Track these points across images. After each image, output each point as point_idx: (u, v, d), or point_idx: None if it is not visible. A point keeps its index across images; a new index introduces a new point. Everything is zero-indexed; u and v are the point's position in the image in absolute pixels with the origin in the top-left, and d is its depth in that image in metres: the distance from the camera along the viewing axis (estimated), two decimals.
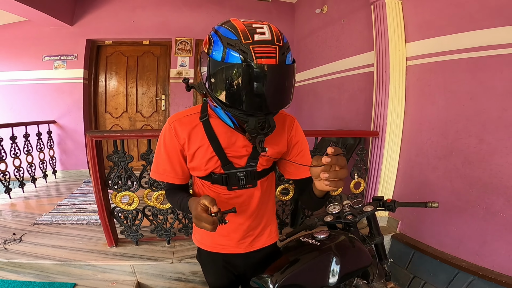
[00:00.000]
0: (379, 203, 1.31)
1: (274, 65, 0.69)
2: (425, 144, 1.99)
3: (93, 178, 1.75)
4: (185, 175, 0.96)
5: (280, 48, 0.70)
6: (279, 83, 0.72)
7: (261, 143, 0.77)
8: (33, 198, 3.05)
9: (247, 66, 0.68)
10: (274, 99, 0.73)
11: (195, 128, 0.89)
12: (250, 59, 0.67)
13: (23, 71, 3.70)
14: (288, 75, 0.73)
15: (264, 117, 0.75)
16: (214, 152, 0.88)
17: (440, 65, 1.87)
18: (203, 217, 0.72)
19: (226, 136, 0.88)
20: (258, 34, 0.70)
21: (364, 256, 1.11)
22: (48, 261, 1.77)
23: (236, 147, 0.89)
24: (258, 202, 0.97)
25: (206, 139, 0.88)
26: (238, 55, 0.68)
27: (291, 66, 0.74)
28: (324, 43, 3.30)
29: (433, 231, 1.97)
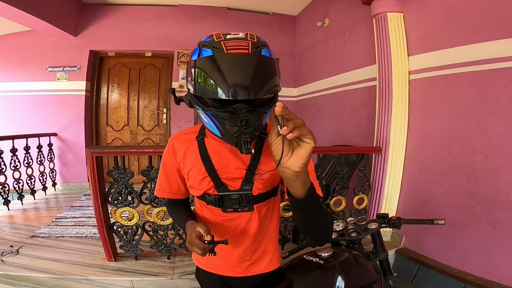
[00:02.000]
0: (384, 220, 1.31)
1: (246, 53, 0.69)
2: (429, 160, 1.98)
3: (93, 193, 1.73)
4: (181, 192, 0.97)
5: (253, 43, 0.71)
6: (254, 70, 0.68)
7: (246, 144, 0.70)
8: (32, 211, 3.02)
9: (217, 55, 0.68)
10: (248, 86, 0.67)
11: (191, 147, 0.88)
12: (220, 51, 0.69)
13: (26, 82, 3.71)
14: (264, 64, 0.70)
15: (246, 114, 0.70)
16: (206, 173, 0.87)
17: (443, 79, 1.86)
18: (196, 243, 0.74)
19: (219, 156, 0.86)
20: (232, 35, 0.73)
21: (368, 273, 1.10)
22: (45, 274, 1.74)
23: (229, 168, 0.87)
24: (256, 227, 0.93)
25: (199, 159, 0.87)
26: (210, 50, 0.70)
27: (269, 57, 0.72)
28: (326, 57, 3.31)
29: (438, 245, 1.94)
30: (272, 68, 0.72)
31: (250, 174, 0.86)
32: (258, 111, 0.72)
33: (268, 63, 0.71)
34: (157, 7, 3.86)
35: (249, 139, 0.70)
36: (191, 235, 0.75)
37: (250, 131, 0.70)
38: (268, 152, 0.88)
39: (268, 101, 0.76)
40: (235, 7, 4.01)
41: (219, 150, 0.86)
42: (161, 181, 0.96)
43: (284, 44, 4.18)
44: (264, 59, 0.71)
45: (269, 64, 0.72)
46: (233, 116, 0.70)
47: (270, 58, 0.72)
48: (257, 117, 0.71)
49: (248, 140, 0.70)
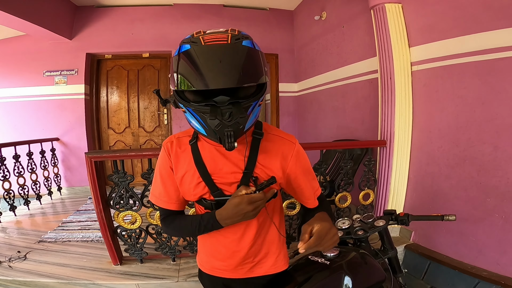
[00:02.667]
0: (391, 217, 1.27)
1: (225, 44, 0.67)
2: (436, 153, 1.93)
3: (94, 198, 1.72)
4: (179, 200, 0.91)
5: (233, 35, 0.69)
6: (233, 59, 0.66)
7: (229, 138, 0.69)
8: (38, 215, 3.04)
9: (195, 48, 0.67)
10: (226, 75, 0.65)
11: (185, 151, 0.86)
12: (198, 44, 0.68)
13: (24, 88, 3.70)
14: (244, 53, 0.68)
15: (229, 107, 0.68)
16: (201, 178, 0.84)
17: (447, 70, 1.82)
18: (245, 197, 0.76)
19: (213, 161, 0.84)
20: (212, 30, 0.72)
21: (377, 272, 1.07)
22: (52, 280, 1.75)
23: (224, 173, 0.84)
24: (255, 231, 0.91)
25: (193, 164, 0.84)
26: (188, 45, 0.69)
27: (250, 47, 0.69)
28: (325, 51, 3.27)
29: (449, 241, 1.89)
30: (254, 58, 0.70)
31: (246, 179, 0.83)
32: (242, 103, 0.69)
33: (248, 52, 0.69)
34: (152, 7, 3.81)
35: (232, 133, 0.69)
36: (241, 201, 0.75)
37: (233, 123, 0.68)
38: (265, 156, 0.84)
39: (254, 93, 0.73)
40: (231, 4, 3.95)
41: (213, 154, 0.83)
42: (158, 188, 0.90)
43: (282, 40, 4.14)
44: (244, 48, 0.68)
45: (250, 54, 0.69)
46: (214, 109, 0.68)
47: (251, 48, 0.70)
48: (240, 109, 0.68)
49: (231, 133, 0.69)
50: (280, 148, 0.86)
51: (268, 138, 0.86)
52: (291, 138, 0.89)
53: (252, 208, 0.75)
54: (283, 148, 0.86)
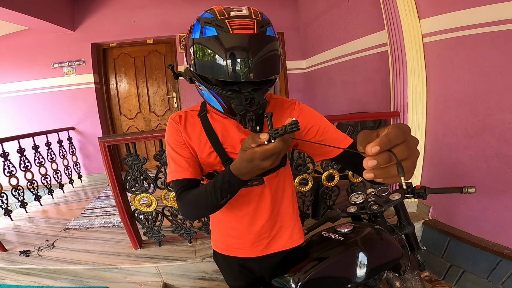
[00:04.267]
0: (407, 190, 1.21)
1: (252, 34, 0.68)
2: (453, 122, 1.84)
3: (111, 182, 1.76)
4: (195, 166, 0.85)
5: (258, 21, 0.69)
6: (260, 52, 0.68)
7: (252, 121, 0.72)
8: (62, 204, 3.16)
9: (223, 36, 0.67)
10: (255, 68, 0.68)
11: (194, 124, 0.87)
12: (226, 31, 0.67)
13: (35, 80, 3.77)
14: (269, 45, 0.70)
15: (251, 93, 0.72)
16: (212, 148, 0.85)
17: (461, 41, 1.72)
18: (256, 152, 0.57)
19: (224, 131, 0.85)
20: (235, 11, 0.70)
21: (393, 248, 1.04)
22: (80, 266, 1.82)
23: (234, 141, 0.85)
24: (269, 201, 0.91)
25: (204, 135, 0.85)
26: (214, 29, 0.68)
27: (273, 37, 0.71)
28: (332, 26, 3.19)
29: (470, 216, 1.83)
30: (277, 48, 0.72)
31: None
32: (262, 89, 0.73)
33: (274, 45, 0.71)
34: None
35: (254, 117, 0.72)
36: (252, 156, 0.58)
37: (255, 109, 0.72)
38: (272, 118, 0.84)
39: (271, 79, 0.77)
40: None
41: (224, 125, 0.85)
42: (171, 163, 0.84)
43: (288, 18, 4.03)
44: (269, 39, 0.70)
45: (274, 44, 0.72)
46: (239, 95, 0.71)
47: (274, 37, 0.72)
48: (261, 95, 0.72)
49: (253, 117, 0.72)
50: (282, 107, 0.90)
51: (272, 104, 0.90)
52: (292, 99, 0.93)
53: (270, 163, 0.59)
54: (285, 106, 0.90)
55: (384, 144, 0.38)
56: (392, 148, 0.39)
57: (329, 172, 1.98)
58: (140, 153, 3.97)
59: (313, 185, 1.98)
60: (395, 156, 0.38)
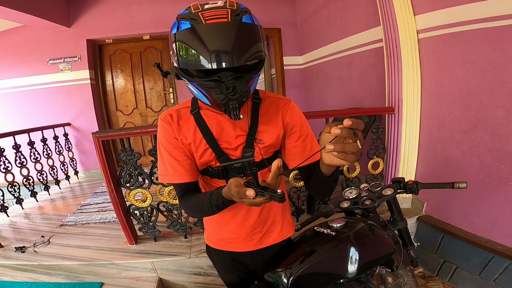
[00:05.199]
0: (399, 186, 1.23)
1: (226, 22, 0.67)
2: (447, 118, 1.85)
3: (105, 177, 1.76)
4: (193, 169, 0.88)
5: (232, 10, 0.69)
6: (235, 37, 0.67)
7: (235, 110, 0.73)
8: (59, 200, 3.16)
9: (196, 27, 0.67)
10: (229, 54, 0.67)
11: (187, 122, 0.86)
12: (199, 22, 0.68)
13: (30, 77, 3.75)
14: (245, 30, 0.69)
15: (232, 81, 0.71)
16: (207, 144, 0.85)
17: (455, 37, 1.72)
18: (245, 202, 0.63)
19: (218, 127, 0.86)
20: (210, 4, 0.71)
21: (385, 244, 1.04)
22: (75, 262, 1.83)
23: (229, 137, 0.86)
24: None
25: (198, 132, 0.85)
26: (188, 23, 0.69)
27: (250, 24, 0.70)
28: (328, 22, 3.19)
29: (463, 212, 1.84)
30: (254, 34, 0.71)
31: (251, 139, 0.86)
32: (244, 77, 0.72)
33: (250, 29, 0.70)
34: None
35: (237, 105, 0.72)
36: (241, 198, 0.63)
37: (237, 97, 0.72)
38: (265, 117, 0.88)
39: (254, 67, 0.76)
40: None
41: (217, 121, 0.85)
42: (165, 164, 0.86)
43: (284, 14, 4.02)
44: (245, 25, 0.69)
45: (251, 30, 0.71)
46: (219, 85, 0.71)
47: (252, 24, 0.71)
48: (242, 83, 0.72)
49: (236, 106, 0.72)
50: (278, 105, 0.91)
51: (266, 101, 0.90)
52: (286, 98, 0.94)
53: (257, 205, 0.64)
54: (280, 105, 0.91)
55: (353, 121, 0.51)
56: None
57: None
58: (137, 148, 3.97)
59: None
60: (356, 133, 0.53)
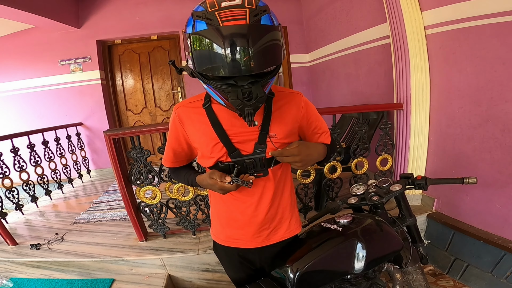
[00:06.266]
0: (408, 181, 1.21)
1: (244, 25, 0.63)
2: (457, 113, 1.82)
3: (116, 175, 1.80)
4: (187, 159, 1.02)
5: (251, 10, 0.65)
6: (253, 42, 0.63)
7: (250, 116, 0.72)
8: (72, 198, 3.23)
9: (213, 30, 0.64)
10: (248, 60, 0.64)
11: (199, 115, 0.87)
12: (215, 24, 0.64)
13: (43, 77, 3.83)
14: (264, 34, 0.66)
15: (248, 86, 0.68)
16: (218, 139, 0.85)
17: (463, 32, 1.69)
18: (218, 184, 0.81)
19: (229, 121, 0.85)
20: (227, 1, 0.66)
21: (393, 240, 1.04)
22: (88, 259, 1.87)
23: (241, 132, 0.85)
24: (272, 193, 0.92)
25: (209, 126, 0.86)
26: (204, 23, 0.65)
27: (269, 26, 0.67)
28: (334, 19, 3.17)
29: (474, 209, 1.80)
30: (274, 37, 0.68)
31: (264, 135, 0.85)
32: (260, 82, 0.70)
33: (269, 33, 0.67)
34: None
35: (252, 111, 0.71)
36: (212, 184, 0.83)
37: (253, 103, 0.70)
38: (279, 112, 0.87)
39: (271, 71, 0.73)
40: None
41: (229, 115, 0.85)
42: (168, 151, 0.98)
43: (290, 12, 4.00)
44: (264, 28, 0.66)
45: (271, 34, 0.67)
46: (235, 90, 0.69)
47: (271, 26, 0.67)
48: (259, 88, 0.69)
49: (251, 112, 0.71)
50: (291, 101, 0.90)
51: (278, 96, 0.89)
52: (298, 92, 0.93)
53: (223, 192, 0.84)
54: (295, 102, 0.90)
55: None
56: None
57: (331, 164, 1.98)
58: (146, 146, 4.02)
59: (316, 177, 1.99)
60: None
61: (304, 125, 0.94)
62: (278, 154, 0.82)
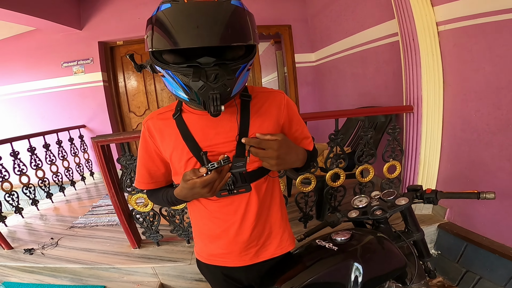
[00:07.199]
0: (415, 195, 1.09)
1: (211, 2, 0.59)
2: (473, 117, 1.67)
3: (106, 182, 1.73)
4: (165, 180, 0.89)
5: None
6: (218, 16, 0.59)
7: (215, 101, 0.63)
8: (74, 201, 3.20)
9: (176, 6, 0.59)
10: (212, 32, 0.58)
11: (169, 127, 0.78)
12: (180, 2, 0.59)
13: (46, 80, 3.83)
14: (231, 11, 0.60)
15: (214, 68, 0.62)
16: (191, 153, 0.76)
17: (480, 28, 1.55)
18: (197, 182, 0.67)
19: (202, 132, 0.76)
20: None
21: (395, 258, 0.95)
22: (79, 265, 1.83)
23: (215, 144, 0.76)
24: (256, 209, 0.82)
25: (180, 139, 0.76)
26: (169, 4, 0.60)
27: (239, 7, 0.62)
28: (340, 17, 3.05)
29: (490, 220, 1.67)
30: (243, 18, 0.63)
31: (242, 146, 0.74)
32: (230, 65, 0.63)
33: (238, 13, 0.62)
34: None
35: (218, 95, 0.63)
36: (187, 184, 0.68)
37: (219, 85, 0.62)
38: (258, 116, 0.77)
39: (243, 56, 0.67)
40: None
41: (201, 125, 0.76)
42: (141, 171, 0.86)
43: (294, 10, 3.88)
44: (232, 7, 0.61)
45: (239, 14, 0.62)
46: (198, 70, 0.61)
47: (241, 8, 0.63)
48: (227, 70, 0.62)
49: (217, 96, 0.63)
50: (272, 102, 0.81)
51: (256, 98, 0.80)
52: (278, 91, 0.84)
53: (208, 190, 0.68)
54: (275, 101, 0.81)
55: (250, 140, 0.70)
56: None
57: (334, 171, 1.86)
58: None
59: (317, 185, 1.87)
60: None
61: (285, 127, 0.84)
62: (255, 143, 0.69)
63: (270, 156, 0.70)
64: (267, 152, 0.69)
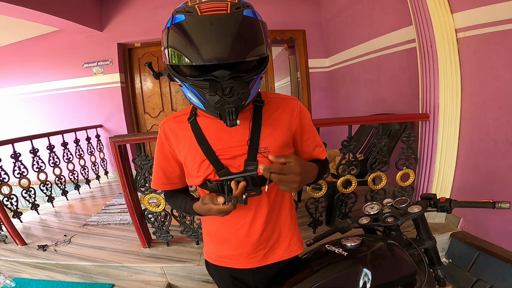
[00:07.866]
0: (429, 203, 1.07)
1: (224, 13, 0.60)
2: (492, 126, 1.62)
3: (121, 181, 1.78)
4: (180, 182, 0.90)
5: (233, 3, 0.61)
6: (233, 31, 0.59)
7: (231, 115, 0.65)
8: (88, 199, 3.28)
9: (190, 19, 0.60)
10: (228, 48, 0.59)
11: (184, 131, 0.80)
12: (194, 15, 0.60)
13: (67, 80, 3.97)
14: (246, 24, 0.61)
15: (229, 81, 0.63)
16: (204, 156, 0.77)
17: (501, 35, 1.51)
18: (213, 208, 0.71)
19: (216, 136, 0.77)
20: None
21: (405, 265, 0.93)
22: (89, 263, 1.86)
23: (228, 147, 0.77)
24: (266, 213, 0.83)
25: (195, 142, 0.78)
26: (183, 16, 0.62)
27: (252, 18, 0.63)
28: (355, 22, 3.04)
29: (505, 230, 1.62)
30: (256, 29, 0.64)
31: (253, 150, 0.76)
32: (244, 78, 0.64)
33: (250, 23, 0.63)
34: None
35: (233, 109, 0.65)
36: (207, 210, 0.74)
37: (234, 100, 0.64)
38: (270, 122, 0.78)
39: (256, 67, 0.68)
40: None
41: (215, 129, 0.78)
42: (157, 172, 0.89)
43: (309, 15, 3.89)
44: (245, 19, 0.62)
45: (252, 25, 0.63)
46: (214, 84, 0.63)
47: (253, 18, 0.64)
48: (241, 84, 0.63)
49: (232, 110, 0.64)
50: (285, 109, 0.81)
51: (269, 104, 0.81)
52: (291, 97, 0.84)
53: (222, 215, 0.73)
54: (288, 108, 0.82)
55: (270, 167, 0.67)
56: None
57: (345, 178, 1.84)
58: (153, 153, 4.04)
59: (328, 191, 1.85)
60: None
61: (297, 135, 0.84)
62: (276, 169, 0.66)
63: (293, 180, 0.68)
64: (290, 177, 0.68)
